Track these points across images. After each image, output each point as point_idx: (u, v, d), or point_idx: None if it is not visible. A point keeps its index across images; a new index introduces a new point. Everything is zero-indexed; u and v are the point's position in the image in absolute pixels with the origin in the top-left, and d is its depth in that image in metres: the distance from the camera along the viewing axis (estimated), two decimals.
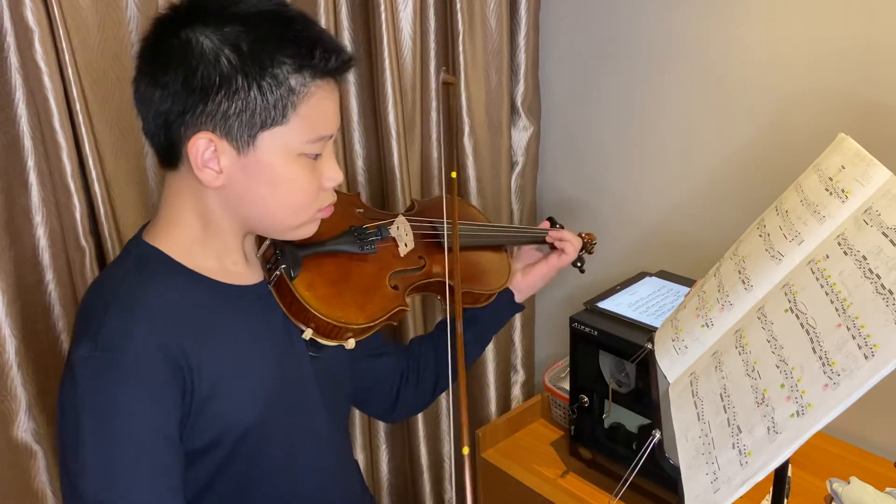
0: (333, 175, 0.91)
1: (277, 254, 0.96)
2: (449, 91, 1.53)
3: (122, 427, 0.79)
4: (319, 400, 1.01)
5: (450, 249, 1.06)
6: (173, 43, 0.81)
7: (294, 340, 0.97)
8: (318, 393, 1.00)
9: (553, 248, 1.28)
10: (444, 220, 1.13)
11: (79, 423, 0.79)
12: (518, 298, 1.25)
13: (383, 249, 1.08)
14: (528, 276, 1.25)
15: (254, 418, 0.91)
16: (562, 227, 1.30)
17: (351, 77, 1.51)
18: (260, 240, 0.99)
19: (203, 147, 0.83)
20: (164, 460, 0.82)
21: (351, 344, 0.97)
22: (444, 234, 1.14)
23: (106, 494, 0.78)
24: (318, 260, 1.00)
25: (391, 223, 1.12)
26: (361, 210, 1.14)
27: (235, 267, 0.94)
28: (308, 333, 0.95)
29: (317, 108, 0.85)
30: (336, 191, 0.96)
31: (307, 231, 0.94)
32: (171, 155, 0.86)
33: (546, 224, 1.31)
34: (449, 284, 1.08)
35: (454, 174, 1.04)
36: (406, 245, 1.11)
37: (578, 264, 1.33)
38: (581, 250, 1.29)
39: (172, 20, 0.83)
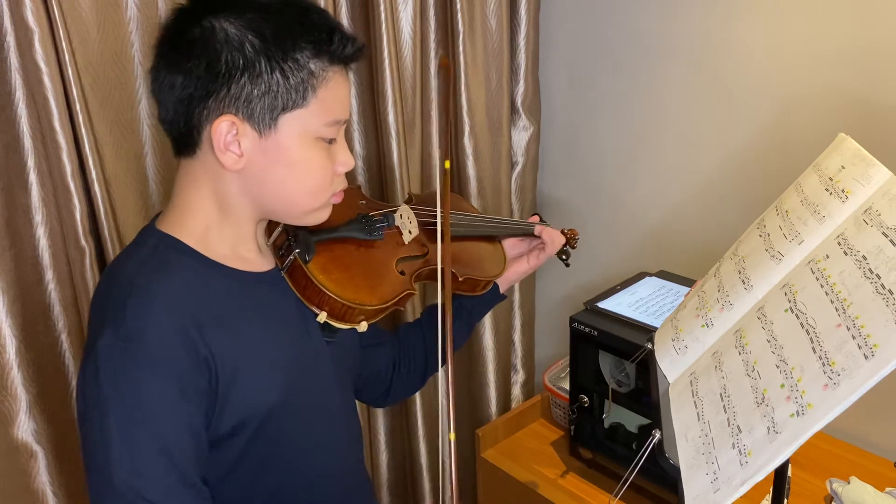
0: (346, 160, 0.94)
1: (290, 239, 0.99)
2: (447, 75, 1.54)
3: (147, 416, 0.81)
4: (335, 382, 1.04)
5: (443, 236, 1.10)
6: (195, 31, 0.84)
7: (309, 325, 0.99)
8: (333, 375, 1.03)
9: (537, 241, 1.33)
10: (437, 208, 1.15)
11: (104, 412, 0.81)
12: (501, 289, 1.29)
13: (389, 236, 1.12)
14: (511, 268, 1.30)
15: (275, 402, 0.93)
16: (546, 224, 1.35)
17: (351, 77, 1.51)
18: (269, 230, 1.02)
19: (225, 130, 0.85)
20: (188, 449, 0.84)
21: (363, 327, 1.01)
22: (441, 222, 1.16)
23: (135, 479, 0.80)
24: (330, 245, 1.03)
25: (395, 211, 1.16)
26: (364, 202, 1.18)
27: (249, 254, 0.96)
28: (322, 317, 0.98)
29: (334, 93, 0.89)
30: None
31: (321, 216, 0.96)
32: (188, 141, 0.88)
33: (534, 219, 1.36)
34: (441, 269, 1.11)
35: (448, 163, 1.08)
36: (410, 232, 1.14)
37: (563, 258, 1.38)
38: (565, 245, 1.34)
39: (193, 10, 0.86)
